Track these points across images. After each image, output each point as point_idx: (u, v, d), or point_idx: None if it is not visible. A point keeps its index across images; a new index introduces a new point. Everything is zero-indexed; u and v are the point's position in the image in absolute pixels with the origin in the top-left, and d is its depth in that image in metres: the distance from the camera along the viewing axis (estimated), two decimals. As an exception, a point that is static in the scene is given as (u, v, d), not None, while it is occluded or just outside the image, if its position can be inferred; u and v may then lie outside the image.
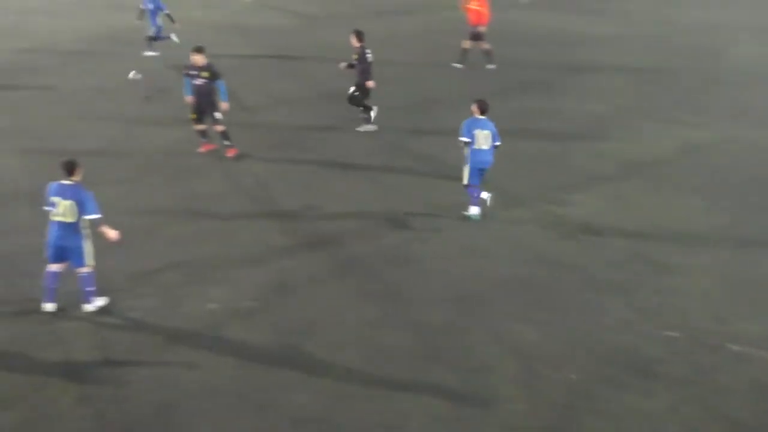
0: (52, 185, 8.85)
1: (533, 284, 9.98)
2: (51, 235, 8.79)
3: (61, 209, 8.66)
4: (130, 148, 14.66)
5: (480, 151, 11.36)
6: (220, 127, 14.01)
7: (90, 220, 8.82)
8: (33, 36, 23.85)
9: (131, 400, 7.63)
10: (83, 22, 26.19)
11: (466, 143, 11.39)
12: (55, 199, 8.69)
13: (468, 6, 19.92)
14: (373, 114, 15.52)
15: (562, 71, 20.65)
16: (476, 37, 19.86)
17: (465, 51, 20.03)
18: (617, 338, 8.83)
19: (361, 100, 15.42)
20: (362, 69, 15.09)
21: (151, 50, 20.95)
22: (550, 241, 11.22)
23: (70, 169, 8.84)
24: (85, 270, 8.95)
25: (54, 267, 8.90)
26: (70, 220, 8.68)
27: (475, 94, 13.31)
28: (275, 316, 9.24)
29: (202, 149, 14.35)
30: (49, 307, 8.96)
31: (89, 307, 9.10)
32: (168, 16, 20.91)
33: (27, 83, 18.79)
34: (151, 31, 20.80)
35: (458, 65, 20.15)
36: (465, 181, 11.57)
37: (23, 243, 10.39)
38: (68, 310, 9.07)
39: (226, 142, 14.16)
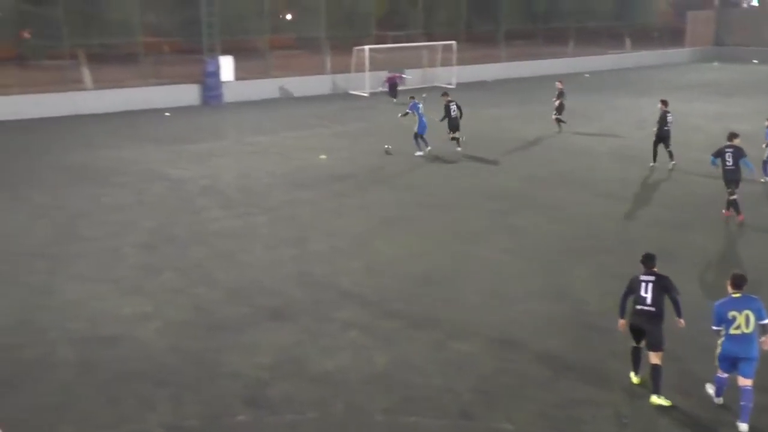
0: (725, 302, 8.56)
1: None
2: (728, 348, 8.51)
3: (740, 321, 8.43)
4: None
5: None
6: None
7: (762, 326, 8.46)
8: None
9: None
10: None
11: None
12: (732, 313, 8.46)
13: None
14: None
15: None
16: None
17: None
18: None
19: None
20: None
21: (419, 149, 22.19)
22: None
23: (740, 283, 8.61)
24: (750, 383, 8.35)
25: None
26: (747, 331, 8.42)
27: None
28: None
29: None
30: (743, 427, 8.32)
31: (743, 427, 8.29)
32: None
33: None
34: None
35: None
36: None
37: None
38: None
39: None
